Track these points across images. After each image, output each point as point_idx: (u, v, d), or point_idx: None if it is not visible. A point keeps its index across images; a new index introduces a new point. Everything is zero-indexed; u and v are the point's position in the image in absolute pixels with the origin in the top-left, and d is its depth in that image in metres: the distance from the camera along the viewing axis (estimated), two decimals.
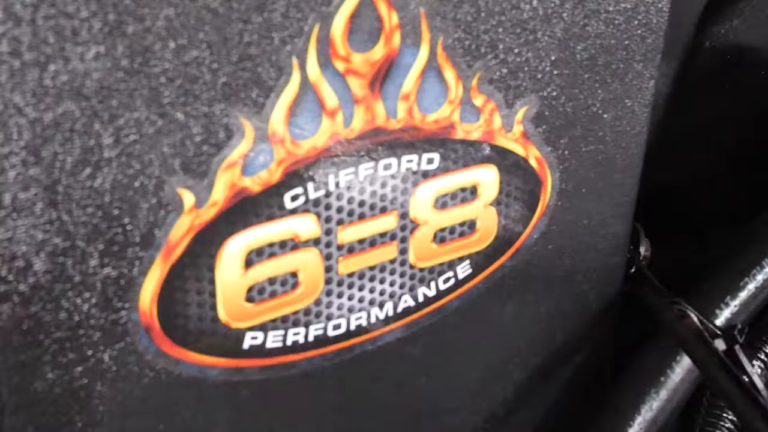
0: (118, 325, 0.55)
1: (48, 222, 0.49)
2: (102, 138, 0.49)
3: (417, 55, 0.59)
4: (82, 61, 0.46)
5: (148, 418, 0.59)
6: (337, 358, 0.66)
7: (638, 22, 0.69)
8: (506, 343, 0.80)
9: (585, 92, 0.69)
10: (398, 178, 0.62)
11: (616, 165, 0.76)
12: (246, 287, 0.59)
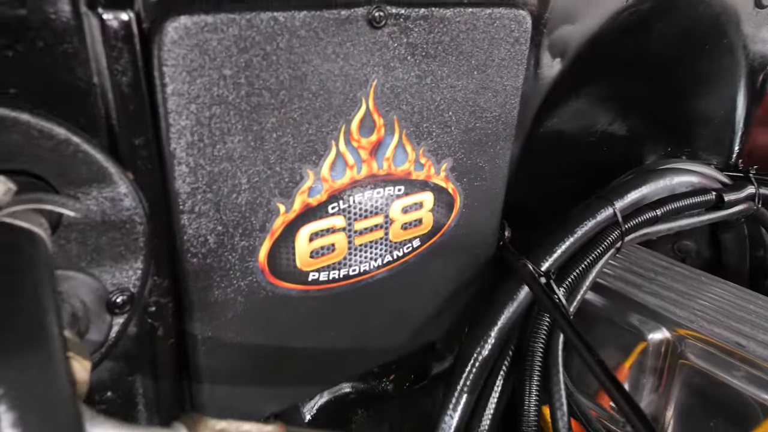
0: (248, 269, 0.56)
1: (216, 219, 0.51)
2: (241, 179, 0.51)
3: (392, 139, 0.60)
4: (232, 144, 0.50)
5: (262, 315, 0.59)
6: (354, 286, 0.66)
7: (501, 121, 0.69)
8: (438, 279, 0.77)
9: (474, 156, 0.69)
10: (384, 198, 0.63)
11: (491, 192, 0.74)
12: (309, 251, 0.59)
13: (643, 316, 0.83)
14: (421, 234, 0.69)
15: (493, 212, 0.76)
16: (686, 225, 0.90)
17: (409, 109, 0.60)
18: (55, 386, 0.28)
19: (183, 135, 0.46)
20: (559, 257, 0.79)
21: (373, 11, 0.53)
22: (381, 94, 0.57)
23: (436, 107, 0.62)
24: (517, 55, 0.66)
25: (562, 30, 0.72)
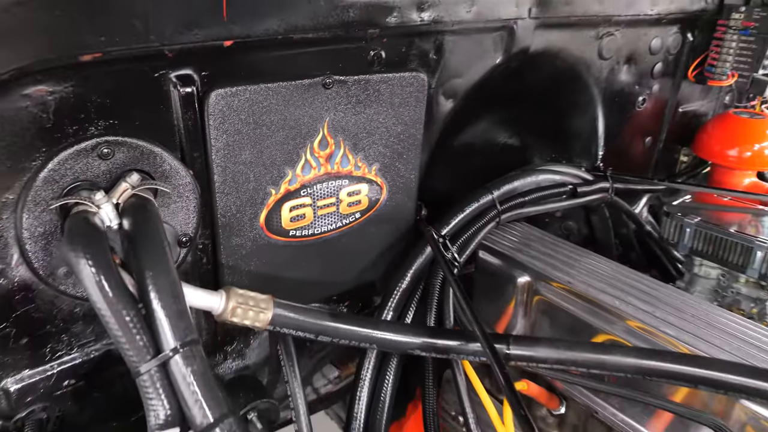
0: (253, 227, 0.89)
1: (235, 198, 0.85)
2: (249, 176, 0.86)
3: (339, 151, 0.95)
4: (244, 156, 0.87)
5: (261, 255, 0.91)
6: (318, 241, 0.97)
7: (410, 141, 1.03)
8: (373, 240, 1.06)
9: (394, 161, 1.02)
10: (335, 187, 0.97)
11: (407, 184, 1.06)
12: (289, 217, 0.93)
13: (516, 268, 1.20)
14: (361, 210, 1.06)
15: (410, 197, 1.12)
16: (549, 209, 1.29)
17: (349, 133, 0.97)
18: (170, 272, 0.66)
19: (218, 152, 0.84)
20: (453, 227, 1.17)
21: (325, 79, 0.91)
22: (331, 125, 0.95)
23: (366, 132, 0.99)
24: (419, 100, 1.03)
25: (452, 81, 1.10)
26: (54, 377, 0.80)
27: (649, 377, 0.81)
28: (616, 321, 1.03)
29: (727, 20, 1.46)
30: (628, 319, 1.01)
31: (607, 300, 1.06)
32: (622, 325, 1.01)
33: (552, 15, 1.15)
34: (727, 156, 1.57)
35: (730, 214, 1.38)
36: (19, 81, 0.66)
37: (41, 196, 0.72)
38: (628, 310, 1.03)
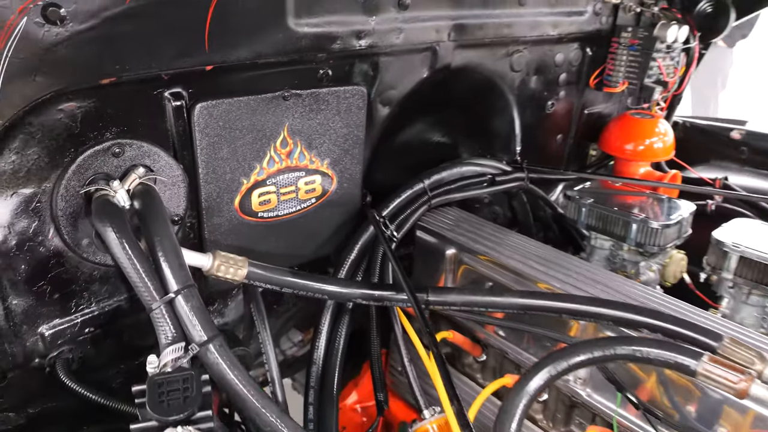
0: (230, 209, 1.13)
1: (215, 186, 1.09)
2: (226, 169, 1.14)
3: (297, 149, 1.20)
4: (222, 153, 1.14)
5: (236, 232, 1.14)
6: (281, 221, 1.21)
7: (353, 140, 1.28)
8: (327, 220, 1.30)
9: (341, 157, 1.26)
10: (294, 177, 1.22)
11: (353, 176, 1.30)
12: (258, 202, 1.17)
13: (445, 243, 1.48)
14: (316, 196, 1.32)
15: (356, 186, 1.38)
16: (471, 195, 1.58)
17: (305, 135, 1.23)
18: (172, 237, 0.92)
19: (202, 151, 1.10)
20: (391, 210, 1.44)
21: (284, 93, 1.18)
22: (290, 129, 1.21)
23: (318, 134, 1.25)
24: (360, 108, 1.29)
25: (387, 92, 1.37)
26: (78, 325, 1.05)
27: (529, 312, 1.10)
28: (525, 282, 1.30)
29: (618, 38, 1.78)
30: (534, 281, 1.29)
31: (518, 266, 1.33)
32: (530, 286, 1.29)
33: (468, 38, 1.44)
34: (624, 150, 1.89)
35: (623, 197, 1.70)
36: (56, 100, 0.91)
37: (71, 184, 0.96)
38: (534, 274, 1.30)
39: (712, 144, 2.17)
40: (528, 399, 0.87)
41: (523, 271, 1.32)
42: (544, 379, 0.88)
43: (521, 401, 0.86)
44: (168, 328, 0.87)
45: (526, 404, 0.87)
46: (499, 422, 0.84)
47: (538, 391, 0.88)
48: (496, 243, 1.45)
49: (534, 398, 0.89)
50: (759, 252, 1.30)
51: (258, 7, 1.05)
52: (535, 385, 0.87)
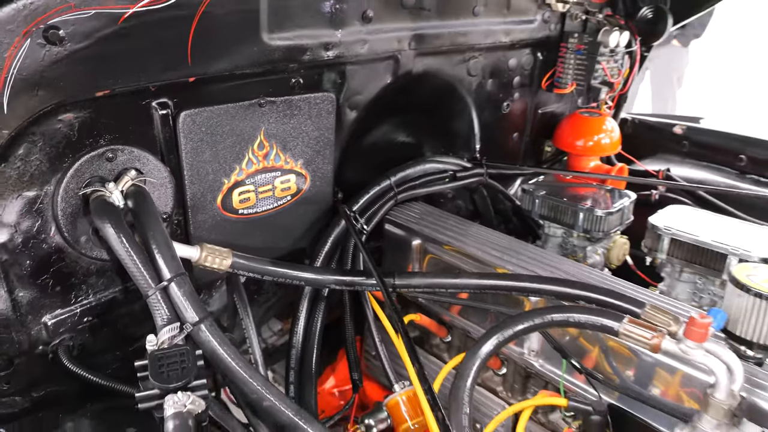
0: (213, 206, 1.25)
1: (200, 186, 1.22)
2: (209, 170, 1.27)
3: (273, 151, 1.32)
4: (205, 156, 1.26)
5: (219, 227, 1.25)
6: (260, 217, 1.33)
7: (324, 142, 1.40)
8: (302, 216, 1.41)
9: (313, 157, 1.38)
10: (271, 177, 1.33)
11: (324, 175, 1.42)
12: (239, 200, 1.29)
13: (411, 234, 1.62)
14: (291, 194, 1.44)
15: (328, 184, 1.50)
16: (434, 190, 1.71)
17: (279, 138, 1.35)
18: (164, 231, 1.04)
19: (187, 154, 1.21)
20: (361, 205, 1.57)
21: (260, 100, 1.30)
22: (266, 133, 1.33)
23: (292, 137, 1.37)
24: (329, 112, 1.42)
25: (354, 97, 1.50)
26: (77, 315, 1.16)
27: (484, 290, 1.25)
28: (485, 268, 1.43)
29: (566, 43, 1.95)
30: (492, 266, 1.42)
31: (478, 254, 1.47)
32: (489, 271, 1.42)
33: (427, 46, 1.58)
34: (576, 146, 2.06)
35: (573, 188, 1.87)
36: (56, 111, 1.02)
37: (70, 187, 1.08)
38: (492, 260, 1.44)
39: (657, 139, 2.35)
40: (480, 361, 1.02)
41: (483, 258, 1.46)
42: (493, 345, 1.02)
43: (474, 363, 1.01)
44: (163, 311, 0.99)
45: (479, 366, 1.01)
46: (456, 381, 0.99)
47: (489, 355, 1.02)
48: (458, 233, 1.59)
49: (485, 361, 1.04)
50: (688, 234, 1.47)
51: (234, 24, 1.18)
52: (486, 349, 1.02)
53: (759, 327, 1.05)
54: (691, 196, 1.97)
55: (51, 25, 0.95)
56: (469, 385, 1.00)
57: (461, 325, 1.53)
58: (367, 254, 1.34)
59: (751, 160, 2.06)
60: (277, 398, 0.98)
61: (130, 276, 1.03)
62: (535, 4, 1.83)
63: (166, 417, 0.86)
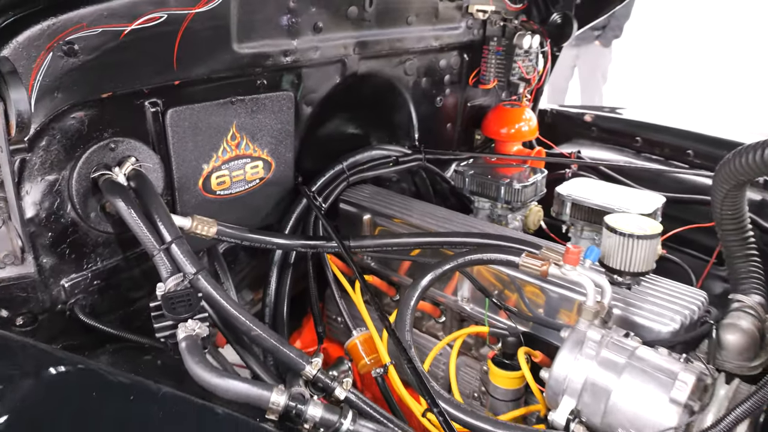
0: (195, 188, 1.50)
1: (185, 171, 1.53)
2: (191, 157, 1.55)
3: (243, 141, 1.59)
4: (188, 146, 1.53)
5: (201, 206, 1.49)
6: (234, 197, 1.59)
7: (285, 133, 1.67)
8: (269, 196, 1.67)
9: (277, 147, 1.65)
10: (242, 163, 1.60)
11: (286, 161, 1.69)
12: (216, 183, 1.55)
13: (362, 210, 1.94)
14: (259, 177, 1.72)
15: (290, 169, 1.78)
16: (380, 173, 2.03)
17: (249, 131, 1.63)
18: (163, 205, 1.31)
19: (174, 145, 1.48)
20: (318, 186, 1.87)
21: (232, 99, 1.58)
22: (238, 126, 1.61)
23: (259, 129, 1.65)
24: (289, 108, 1.70)
25: (309, 95, 1.80)
26: (88, 278, 1.41)
27: (419, 246, 1.57)
28: (432, 239, 1.75)
29: (488, 46, 2.30)
30: (431, 231, 1.75)
31: (417, 222, 1.79)
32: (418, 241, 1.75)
33: (369, 51, 1.89)
34: (500, 133, 2.41)
35: (498, 169, 2.21)
36: (70, 110, 1.28)
37: (82, 171, 1.33)
38: (429, 226, 1.78)
39: (572, 126, 2.75)
40: (419, 292, 1.34)
41: (423, 226, 1.80)
42: (428, 280, 1.35)
43: (415, 293, 1.33)
44: (167, 266, 1.26)
45: (418, 295, 1.33)
46: (400, 308, 1.30)
47: (426, 288, 1.35)
48: (402, 208, 1.92)
49: (423, 292, 1.36)
50: (583, 199, 1.84)
51: (211, 37, 1.46)
52: (424, 283, 1.34)
53: (625, 259, 1.41)
54: (596, 172, 2.35)
55: (68, 41, 1.21)
56: (410, 309, 1.32)
57: (406, 283, 1.85)
58: (327, 222, 1.64)
59: (645, 141, 2.47)
60: (262, 329, 1.26)
61: (134, 243, 1.31)
62: (459, 13, 2.16)
63: (180, 340, 1.14)
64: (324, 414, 1.02)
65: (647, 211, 1.73)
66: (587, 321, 1.24)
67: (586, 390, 1.19)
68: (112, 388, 0.90)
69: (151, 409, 0.87)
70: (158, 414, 0.86)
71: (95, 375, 0.94)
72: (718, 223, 1.51)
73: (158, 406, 0.88)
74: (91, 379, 0.93)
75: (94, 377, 0.93)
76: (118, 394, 0.90)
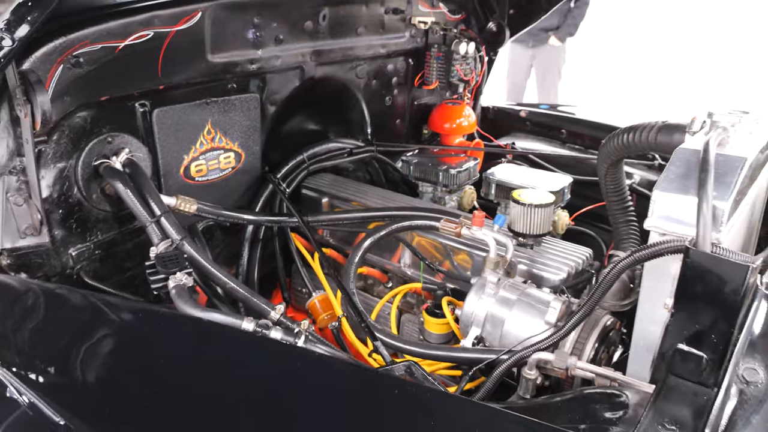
0: (177, 175, 1.82)
1: (169, 159, 1.86)
2: (174, 149, 1.88)
3: (218, 135, 1.97)
4: (171, 139, 1.86)
5: (185, 189, 1.86)
6: (210, 183, 1.92)
7: (252, 128, 2.06)
8: (240, 183, 2.02)
9: (245, 140, 1.99)
10: (217, 154, 1.94)
11: (254, 152, 2.02)
12: (195, 170, 1.87)
13: (322, 195, 2.29)
14: (231, 166, 2.06)
15: (258, 159, 2.12)
16: (337, 163, 2.38)
17: (221, 127, 1.96)
18: (153, 187, 1.65)
19: (159, 139, 1.81)
20: (282, 174, 2.21)
21: (207, 101, 1.92)
22: (213, 123, 1.94)
23: (230, 126, 1.99)
24: (255, 108, 2.04)
25: (273, 96, 2.14)
26: (91, 249, 1.73)
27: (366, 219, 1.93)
28: (374, 213, 2.12)
29: (430, 52, 2.67)
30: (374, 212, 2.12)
31: (368, 202, 2.15)
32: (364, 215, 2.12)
33: (324, 58, 2.24)
34: (443, 128, 2.79)
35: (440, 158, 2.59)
36: (77, 110, 1.60)
37: (85, 160, 1.66)
38: (377, 205, 2.14)
39: (510, 121, 3.14)
40: (362, 251, 1.70)
41: (371, 205, 2.16)
42: (369, 242, 1.71)
43: (358, 252, 1.69)
44: (158, 234, 1.59)
45: (361, 254, 1.69)
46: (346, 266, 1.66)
47: (368, 248, 1.71)
48: (356, 192, 2.27)
49: (365, 252, 1.72)
50: (506, 180, 2.22)
51: (189, 49, 1.79)
52: (366, 244, 1.70)
53: (526, 224, 1.78)
54: (527, 160, 2.74)
55: (75, 55, 1.53)
56: (354, 265, 1.68)
57: None
58: (289, 202, 1.99)
59: (569, 133, 2.87)
60: (235, 283, 1.61)
61: (128, 220, 1.64)
62: (403, 24, 2.52)
63: (170, 288, 1.47)
64: (283, 336, 1.36)
65: (555, 189, 2.12)
66: (490, 269, 1.61)
67: (488, 321, 1.56)
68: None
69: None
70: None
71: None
72: (604, 195, 1.90)
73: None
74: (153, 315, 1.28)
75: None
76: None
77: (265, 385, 1.05)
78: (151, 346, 1.17)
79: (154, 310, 1.28)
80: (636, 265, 1.21)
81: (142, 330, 1.22)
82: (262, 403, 1.02)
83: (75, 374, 1.13)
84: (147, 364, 1.11)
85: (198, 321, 1.26)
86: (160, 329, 1.22)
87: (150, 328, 1.23)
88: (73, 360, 1.14)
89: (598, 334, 1.40)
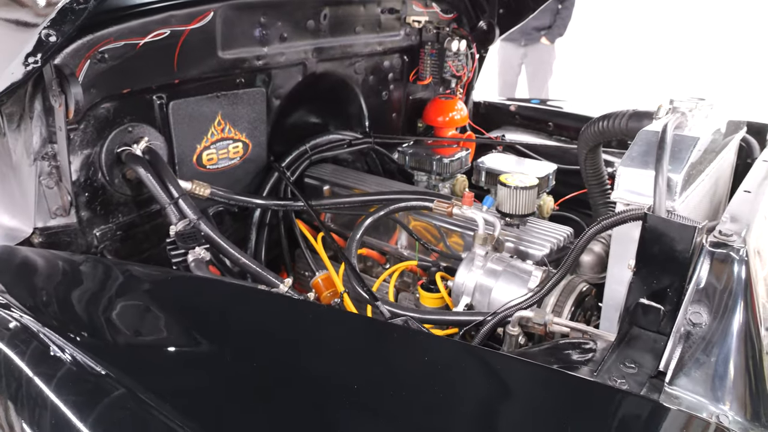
0: (191, 163, 1.98)
1: (183, 149, 2.02)
2: (187, 139, 2.04)
3: (227, 126, 2.14)
4: (185, 129, 2.02)
5: (197, 179, 2.09)
6: (220, 171, 2.08)
7: (259, 120, 2.25)
8: (248, 172, 2.16)
9: (252, 131, 2.15)
10: (226, 144, 2.09)
11: (260, 142, 2.25)
12: (207, 159, 2.03)
13: (324, 182, 2.46)
14: (239, 155, 2.22)
15: (264, 149, 2.28)
16: (337, 153, 2.54)
17: (231, 118, 2.12)
18: (170, 172, 1.81)
19: (175, 129, 1.97)
20: (287, 163, 2.37)
21: (217, 94, 2.08)
22: (223, 115, 2.10)
23: (238, 117, 2.14)
24: (261, 101, 2.20)
25: (277, 90, 2.29)
26: (113, 230, 1.89)
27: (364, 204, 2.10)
28: (374, 196, 2.28)
29: (423, 49, 2.84)
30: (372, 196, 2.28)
31: (366, 189, 2.32)
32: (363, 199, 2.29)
33: (325, 55, 2.40)
34: (437, 121, 2.95)
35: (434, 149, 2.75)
36: (101, 102, 1.76)
37: (109, 148, 1.81)
38: (373, 190, 2.31)
39: (500, 115, 3.30)
40: (363, 229, 1.86)
41: (368, 191, 2.32)
42: (370, 220, 1.87)
43: (359, 231, 1.85)
44: (176, 215, 1.75)
45: (362, 232, 1.85)
46: (348, 242, 1.82)
47: (368, 227, 1.87)
48: (356, 180, 2.43)
49: (365, 231, 1.88)
50: (495, 168, 2.39)
51: (202, 46, 1.95)
52: (367, 222, 1.87)
53: (512, 205, 1.95)
54: (515, 151, 2.91)
55: (100, 51, 1.69)
56: (356, 241, 1.84)
57: None
58: (294, 187, 2.15)
59: (555, 126, 3.04)
60: (247, 258, 1.77)
61: (147, 204, 1.80)
62: (399, 23, 2.69)
63: (189, 262, 1.63)
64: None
65: (540, 175, 2.28)
66: (479, 245, 1.78)
67: (477, 290, 1.72)
68: None
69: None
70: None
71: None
72: (584, 179, 2.07)
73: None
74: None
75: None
76: None
77: (292, 329, 1.21)
78: (180, 302, 1.33)
79: (180, 275, 1.44)
80: (603, 232, 1.37)
81: (169, 291, 1.38)
82: (291, 345, 1.17)
83: (111, 331, 1.27)
84: (177, 319, 1.27)
85: (218, 282, 1.42)
86: (188, 290, 1.38)
87: (180, 289, 1.39)
88: (108, 318, 1.30)
89: (575, 298, 1.57)
